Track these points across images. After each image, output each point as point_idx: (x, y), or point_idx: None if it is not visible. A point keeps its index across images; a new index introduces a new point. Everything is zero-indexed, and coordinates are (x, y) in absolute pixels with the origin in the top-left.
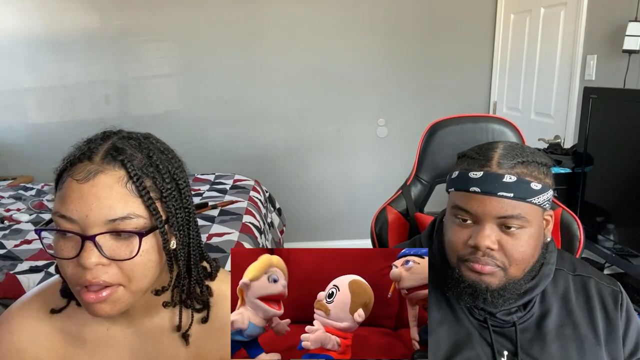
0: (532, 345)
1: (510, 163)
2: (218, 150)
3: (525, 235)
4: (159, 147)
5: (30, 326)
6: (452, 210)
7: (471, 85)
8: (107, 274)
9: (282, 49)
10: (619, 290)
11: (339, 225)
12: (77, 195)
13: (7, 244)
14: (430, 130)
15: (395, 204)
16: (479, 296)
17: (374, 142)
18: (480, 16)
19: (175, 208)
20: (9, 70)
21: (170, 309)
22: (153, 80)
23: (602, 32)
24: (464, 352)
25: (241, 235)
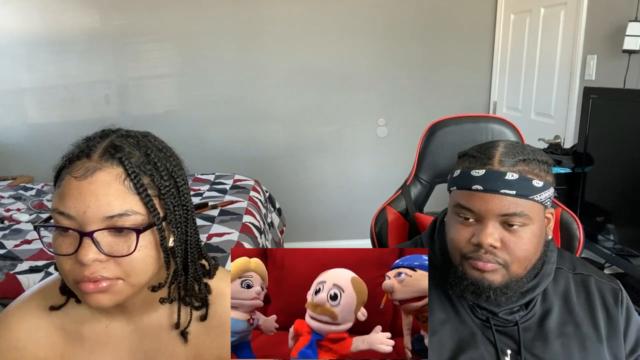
0: (534, 344)
1: (511, 161)
2: (218, 150)
3: (527, 232)
4: (157, 145)
5: (30, 324)
6: (455, 209)
7: (471, 85)
8: (105, 270)
9: (282, 49)
10: (619, 288)
11: (339, 225)
12: (76, 192)
13: (7, 244)
14: (430, 130)
15: (395, 204)
16: (481, 294)
17: (374, 142)
18: (480, 16)
19: (173, 205)
20: (9, 70)
21: (170, 307)
22: (153, 80)
23: (602, 32)
24: (467, 351)
25: (241, 235)
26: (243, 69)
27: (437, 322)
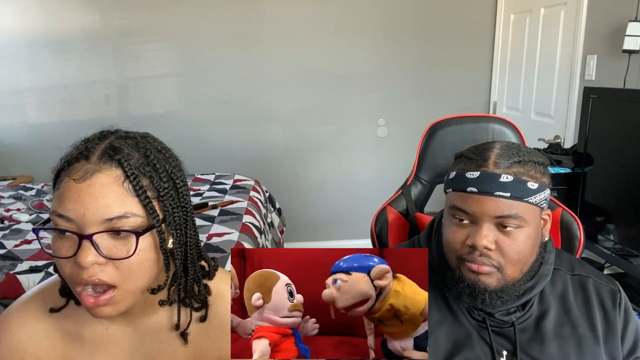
0: (531, 345)
1: (507, 163)
2: (218, 150)
3: (522, 235)
4: (156, 146)
5: (30, 325)
6: (450, 210)
7: (471, 85)
8: (103, 273)
9: (282, 49)
10: (617, 290)
11: (339, 225)
12: (74, 194)
13: (7, 244)
14: (430, 130)
15: (395, 204)
16: (477, 297)
17: (374, 142)
18: (480, 16)
19: (173, 207)
20: (9, 70)
21: (170, 308)
22: (153, 80)
23: (602, 32)
24: (463, 352)
25: (241, 235)
26: (243, 69)
27: (433, 322)
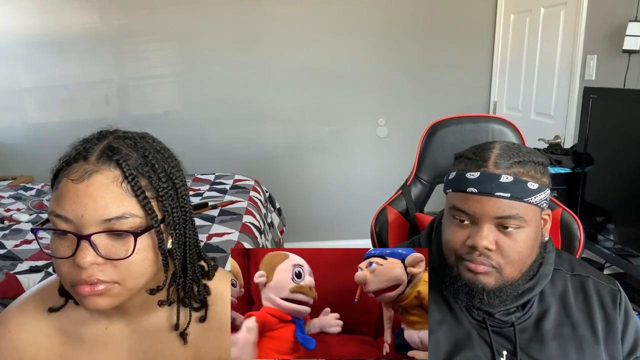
0: (530, 345)
1: (507, 163)
2: (218, 150)
3: (522, 235)
4: (155, 146)
5: (29, 325)
6: (450, 211)
7: (471, 85)
8: (102, 273)
9: (282, 49)
10: (618, 290)
11: (339, 225)
12: (73, 195)
13: (7, 244)
14: (431, 130)
15: (395, 204)
16: (475, 296)
17: (374, 142)
18: (480, 16)
19: (172, 207)
20: (9, 70)
21: (169, 308)
22: (153, 80)
23: (602, 32)
24: (463, 352)
25: (241, 235)
26: (243, 69)
27: (433, 322)
